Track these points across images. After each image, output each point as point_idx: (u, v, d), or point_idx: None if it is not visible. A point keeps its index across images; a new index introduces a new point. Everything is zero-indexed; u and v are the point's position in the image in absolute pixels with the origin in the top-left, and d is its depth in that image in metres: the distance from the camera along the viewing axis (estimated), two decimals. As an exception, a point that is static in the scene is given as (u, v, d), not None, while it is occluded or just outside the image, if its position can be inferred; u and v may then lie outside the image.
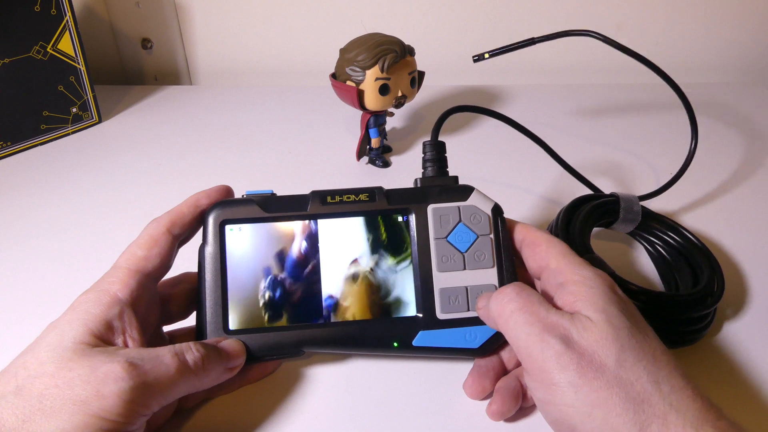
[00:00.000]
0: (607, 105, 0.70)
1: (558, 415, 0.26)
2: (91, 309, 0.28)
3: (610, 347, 0.26)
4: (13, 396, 0.25)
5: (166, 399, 0.27)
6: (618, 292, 0.29)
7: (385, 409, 0.32)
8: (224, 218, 0.33)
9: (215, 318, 0.32)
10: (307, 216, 0.33)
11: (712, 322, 0.37)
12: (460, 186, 0.35)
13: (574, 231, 0.40)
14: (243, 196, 0.34)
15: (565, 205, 0.42)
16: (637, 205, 0.43)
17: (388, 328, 0.32)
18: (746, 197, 0.52)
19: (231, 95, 0.74)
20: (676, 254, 0.41)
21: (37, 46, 0.59)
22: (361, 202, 0.34)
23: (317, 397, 0.33)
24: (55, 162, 0.59)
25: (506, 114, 0.41)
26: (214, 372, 0.29)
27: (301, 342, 0.32)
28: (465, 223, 0.33)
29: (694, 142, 0.46)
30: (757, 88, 0.75)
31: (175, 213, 0.33)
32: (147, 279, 0.31)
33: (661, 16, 0.77)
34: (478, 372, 0.32)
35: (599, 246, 0.44)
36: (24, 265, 0.45)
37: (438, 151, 0.37)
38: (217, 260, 0.32)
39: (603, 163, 0.58)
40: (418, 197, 0.34)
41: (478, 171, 0.55)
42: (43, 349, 0.26)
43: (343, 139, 0.62)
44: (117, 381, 0.25)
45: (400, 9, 0.77)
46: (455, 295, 0.33)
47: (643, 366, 0.26)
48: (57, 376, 0.25)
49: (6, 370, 0.27)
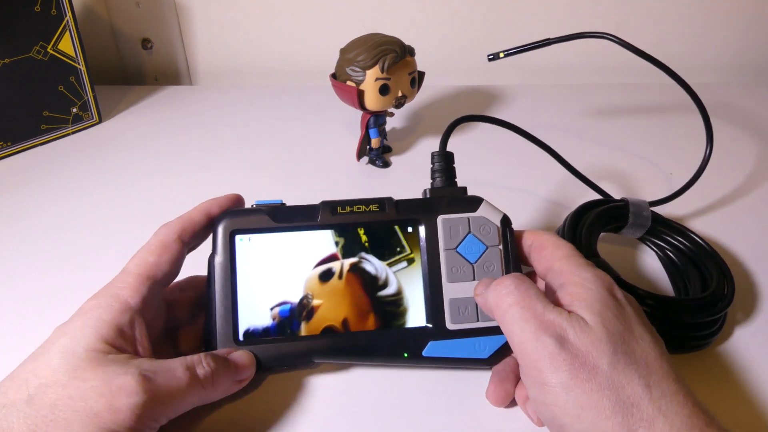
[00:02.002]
0: (612, 106, 0.70)
1: (548, 414, 0.27)
2: (102, 315, 0.28)
3: (603, 350, 0.26)
4: (24, 405, 0.25)
5: (175, 412, 0.28)
6: (617, 295, 0.29)
7: (388, 415, 0.32)
8: (234, 228, 0.33)
9: (225, 328, 0.32)
10: (317, 226, 0.33)
11: (722, 327, 0.36)
12: (470, 197, 0.35)
13: (581, 236, 0.40)
14: (253, 205, 0.34)
15: (573, 210, 0.42)
16: (647, 210, 0.43)
17: (398, 339, 0.32)
18: (755, 200, 0.52)
19: (231, 95, 0.74)
20: (685, 259, 0.41)
21: (37, 46, 0.59)
22: (370, 213, 0.34)
23: (319, 402, 0.33)
24: (55, 162, 0.59)
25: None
26: (222, 386, 0.30)
27: (312, 352, 0.32)
28: (474, 234, 0.34)
29: (709, 148, 0.46)
30: (758, 88, 0.75)
31: (186, 220, 0.32)
32: (156, 286, 0.31)
33: (661, 15, 0.77)
34: (498, 377, 0.32)
35: (609, 250, 0.44)
36: (24, 266, 0.45)
37: (446, 161, 0.37)
38: (227, 270, 0.32)
39: (610, 165, 0.57)
40: (427, 208, 0.34)
41: (484, 174, 0.55)
42: (55, 356, 0.26)
43: (343, 139, 0.62)
44: (130, 395, 0.25)
45: (400, 9, 0.77)
46: (465, 305, 0.33)
47: (635, 369, 0.26)
48: (70, 386, 0.25)
49: (15, 375, 0.26)
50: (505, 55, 0.51)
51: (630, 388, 0.25)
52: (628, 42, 0.45)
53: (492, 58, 0.52)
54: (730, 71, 0.81)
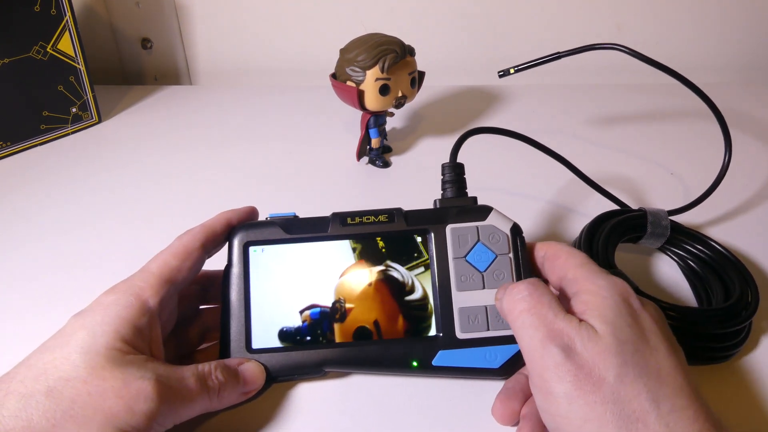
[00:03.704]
0: (615, 106, 0.70)
1: (552, 424, 0.26)
2: (122, 312, 0.28)
3: (611, 361, 0.25)
4: (43, 396, 0.25)
5: (181, 419, 0.28)
6: (633, 303, 0.28)
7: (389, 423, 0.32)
8: (248, 240, 0.34)
9: (239, 336, 0.32)
10: (328, 237, 0.34)
11: (747, 336, 0.35)
12: (479, 206, 0.35)
13: (597, 247, 0.39)
14: (267, 218, 0.35)
15: (589, 222, 0.42)
16: (666, 219, 0.42)
17: (408, 347, 0.32)
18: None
19: (231, 95, 0.74)
20: (706, 268, 0.40)
21: (37, 46, 0.59)
22: (380, 223, 0.34)
23: (319, 410, 0.33)
24: (55, 162, 0.59)
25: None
26: (229, 398, 0.30)
27: (323, 362, 0.32)
28: (484, 242, 0.34)
29: (728, 155, 0.44)
30: (758, 88, 0.75)
31: (209, 229, 0.33)
32: (174, 289, 0.31)
33: (661, 16, 0.77)
34: (505, 394, 0.31)
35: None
36: (24, 265, 0.45)
37: (457, 172, 0.37)
38: (242, 280, 0.33)
39: (615, 169, 0.57)
40: (436, 218, 0.34)
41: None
42: (74, 350, 0.26)
43: (343, 139, 0.62)
44: (147, 401, 0.26)
45: (400, 9, 0.77)
46: (475, 314, 0.32)
47: (643, 383, 0.25)
48: (90, 383, 0.25)
49: (31, 364, 0.26)
50: (516, 71, 0.52)
51: (636, 403, 0.24)
52: (639, 52, 0.44)
53: (502, 75, 0.53)
54: (732, 71, 0.81)
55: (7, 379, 0.26)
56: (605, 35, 0.78)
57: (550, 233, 0.48)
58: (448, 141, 0.38)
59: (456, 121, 0.66)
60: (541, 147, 0.43)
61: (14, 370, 0.26)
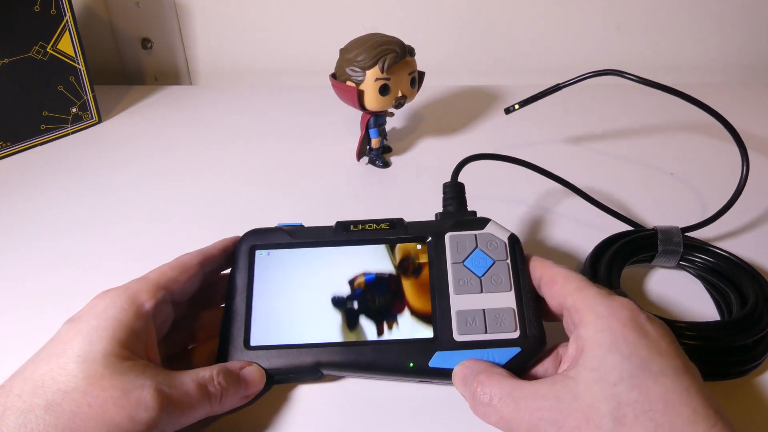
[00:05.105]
0: (615, 107, 0.70)
1: None
2: (118, 316, 0.28)
3: (601, 409, 0.24)
4: (43, 411, 0.24)
5: (182, 425, 0.28)
6: (637, 326, 0.27)
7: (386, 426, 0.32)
8: (254, 243, 0.36)
9: (238, 334, 0.33)
10: (331, 242, 0.35)
11: (767, 350, 0.34)
12: (478, 218, 0.36)
13: (601, 270, 0.39)
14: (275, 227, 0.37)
15: (595, 245, 0.41)
16: (678, 236, 0.41)
17: (405, 349, 0.32)
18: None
19: (231, 95, 0.74)
20: (724, 280, 0.39)
21: (36, 46, 0.59)
22: (381, 230, 0.36)
23: (315, 414, 0.33)
24: (55, 162, 0.59)
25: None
26: (230, 403, 0.30)
27: (320, 363, 0.32)
28: (482, 249, 0.34)
29: (745, 168, 0.42)
30: (758, 87, 0.75)
31: (206, 253, 0.34)
32: (170, 297, 0.31)
33: (661, 16, 0.77)
34: None
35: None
36: (24, 265, 0.45)
37: (458, 191, 0.39)
38: (245, 281, 0.34)
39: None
40: (436, 227, 0.36)
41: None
42: (71, 359, 0.26)
43: (343, 139, 0.62)
44: (148, 410, 0.25)
45: (400, 9, 0.77)
46: (472, 317, 0.32)
47: (649, 417, 0.23)
48: (89, 394, 0.25)
49: (27, 376, 0.26)
50: (520, 107, 0.54)
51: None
52: (643, 78, 0.44)
53: (508, 111, 0.55)
54: (732, 71, 0.81)
55: (3, 393, 0.25)
56: (605, 35, 0.78)
57: (557, 244, 0.46)
58: (448, 141, 0.38)
59: (456, 121, 0.66)
60: (545, 172, 0.44)
61: (9, 383, 0.26)
